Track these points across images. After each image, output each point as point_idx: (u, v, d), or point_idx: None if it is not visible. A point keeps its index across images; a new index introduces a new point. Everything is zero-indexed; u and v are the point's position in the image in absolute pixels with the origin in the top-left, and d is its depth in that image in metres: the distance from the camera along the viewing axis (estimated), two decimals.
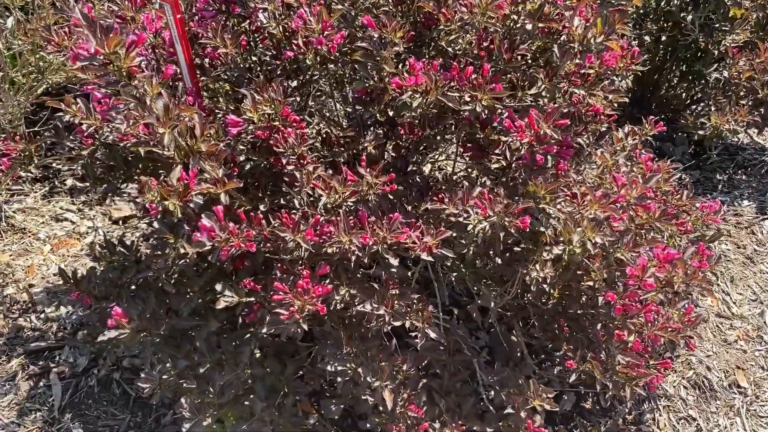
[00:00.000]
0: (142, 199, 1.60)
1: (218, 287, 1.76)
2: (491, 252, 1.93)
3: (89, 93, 2.17)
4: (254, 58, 1.92)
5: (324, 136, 1.96)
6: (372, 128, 1.89)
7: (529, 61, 1.91)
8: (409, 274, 1.98)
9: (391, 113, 1.85)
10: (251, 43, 1.88)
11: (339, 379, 1.77)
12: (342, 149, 1.84)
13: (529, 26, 1.77)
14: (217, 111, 1.97)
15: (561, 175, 1.88)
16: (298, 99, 1.99)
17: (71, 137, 2.13)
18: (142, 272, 1.95)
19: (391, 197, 1.81)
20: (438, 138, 1.94)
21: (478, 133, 1.92)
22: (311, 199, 1.75)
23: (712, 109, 3.03)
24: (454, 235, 1.69)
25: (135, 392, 2.23)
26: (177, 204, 1.57)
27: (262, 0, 1.80)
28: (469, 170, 2.15)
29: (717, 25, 3.04)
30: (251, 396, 1.90)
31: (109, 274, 2.02)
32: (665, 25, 3.27)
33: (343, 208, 1.71)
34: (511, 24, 1.81)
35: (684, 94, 3.53)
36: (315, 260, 1.72)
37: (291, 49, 1.80)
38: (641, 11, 3.33)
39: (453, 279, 2.17)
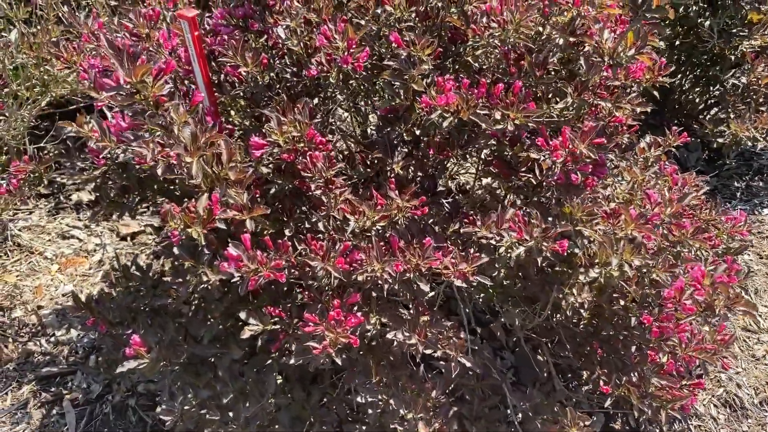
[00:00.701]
0: (166, 228, 1.54)
1: (242, 315, 1.70)
2: (521, 274, 1.88)
3: (97, 108, 2.10)
4: (273, 74, 1.86)
5: (346, 153, 1.90)
6: (398, 147, 1.83)
7: (552, 73, 1.85)
8: (433, 293, 1.92)
9: (417, 132, 1.79)
10: (270, 59, 1.81)
11: (370, 410, 1.70)
12: (369, 170, 1.77)
13: (560, 41, 1.72)
14: (230, 126, 1.89)
15: (590, 191, 1.82)
16: (319, 118, 1.92)
17: (81, 156, 2.06)
18: (159, 298, 1.88)
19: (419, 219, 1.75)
20: (466, 156, 1.88)
21: (506, 150, 1.86)
22: (338, 222, 1.68)
23: (731, 116, 2.97)
24: (485, 258, 1.63)
25: (151, 419, 2.16)
26: (201, 231, 1.51)
27: (284, 17, 1.73)
28: (482, 179, 2.08)
29: (734, 31, 2.98)
30: (276, 426, 1.83)
31: (124, 300, 1.96)
32: (680, 30, 3.21)
33: (372, 232, 1.65)
34: (536, 36, 1.75)
35: (698, 99, 3.48)
36: (343, 286, 1.66)
37: (314, 66, 1.74)
38: None
39: (479, 298, 2.11)
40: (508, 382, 2.04)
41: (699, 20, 3.00)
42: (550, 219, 1.73)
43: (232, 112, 2.06)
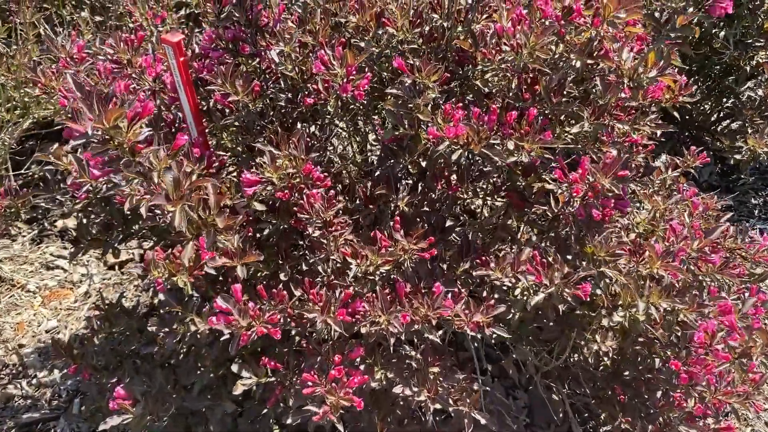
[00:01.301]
0: (149, 276, 1.40)
1: (234, 368, 1.56)
2: (538, 313, 1.74)
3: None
4: (266, 100, 1.71)
5: (346, 183, 1.75)
6: (402, 180, 1.68)
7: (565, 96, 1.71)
8: (441, 332, 1.78)
9: (423, 164, 1.64)
10: (263, 84, 1.67)
11: None
12: (371, 206, 1.62)
13: (577, 63, 1.57)
14: (221, 153, 1.74)
15: (608, 221, 1.67)
16: (316, 152, 1.77)
17: (62, 188, 1.92)
18: (146, 345, 1.74)
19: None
20: (477, 191, 1.74)
21: (519, 179, 1.72)
22: (338, 265, 1.54)
23: (749, 131, 2.83)
24: (502, 308, 1.48)
25: None
26: (187, 280, 1.37)
27: (278, 41, 1.59)
28: (487, 201, 1.93)
29: (750, 41, 2.85)
30: None
31: (108, 344, 1.82)
32: (693, 40, 3.07)
33: (376, 276, 1.50)
34: (549, 59, 1.61)
35: (710, 111, 3.34)
36: (345, 337, 1.52)
37: (310, 94, 1.60)
38: None
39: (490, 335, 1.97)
40: (522, 427, 1.90)
41: (713, 30, 2.87)
42: (569, 257, 1.60)
43: (224, 134, 1.92)
